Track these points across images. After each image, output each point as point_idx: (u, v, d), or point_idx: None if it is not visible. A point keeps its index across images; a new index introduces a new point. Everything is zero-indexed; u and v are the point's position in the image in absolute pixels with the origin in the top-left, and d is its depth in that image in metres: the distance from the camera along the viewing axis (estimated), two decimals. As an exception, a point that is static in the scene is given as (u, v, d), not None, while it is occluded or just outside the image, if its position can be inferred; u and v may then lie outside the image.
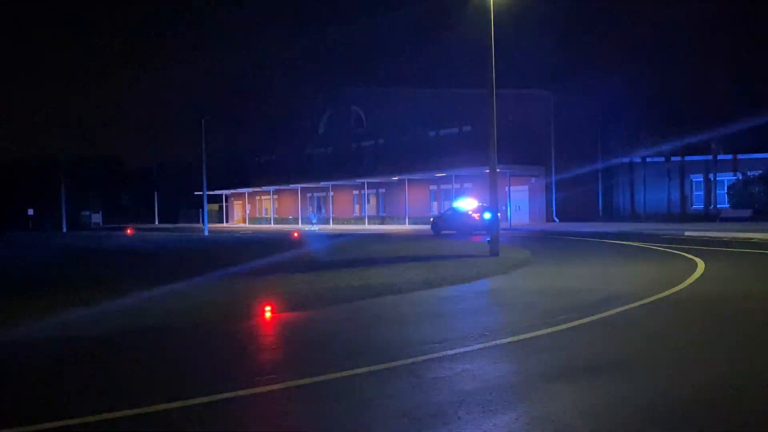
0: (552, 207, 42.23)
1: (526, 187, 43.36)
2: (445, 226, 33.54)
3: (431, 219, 36.91)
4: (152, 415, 4.74)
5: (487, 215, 24.06)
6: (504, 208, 38.16)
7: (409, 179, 47.33)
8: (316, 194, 58.81)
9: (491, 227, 17.84)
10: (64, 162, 62.21)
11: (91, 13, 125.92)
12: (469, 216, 32.10)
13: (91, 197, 76.00)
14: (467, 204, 33.74)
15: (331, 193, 55.21)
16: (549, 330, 7.51)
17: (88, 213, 75.89)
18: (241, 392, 5.26)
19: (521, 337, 7.18)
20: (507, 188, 39.73)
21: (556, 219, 41.65)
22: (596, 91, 42.70)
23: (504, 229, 22.58)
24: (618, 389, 5.19)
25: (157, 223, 73.95)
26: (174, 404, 4.94)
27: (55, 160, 63.77)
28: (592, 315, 8.39)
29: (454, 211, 33.88)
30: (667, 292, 10.25)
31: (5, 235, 47.59)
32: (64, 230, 59.16)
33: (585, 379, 5.51)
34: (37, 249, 27.96)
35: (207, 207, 45.46)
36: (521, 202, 43.49)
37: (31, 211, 68.05)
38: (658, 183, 42.14)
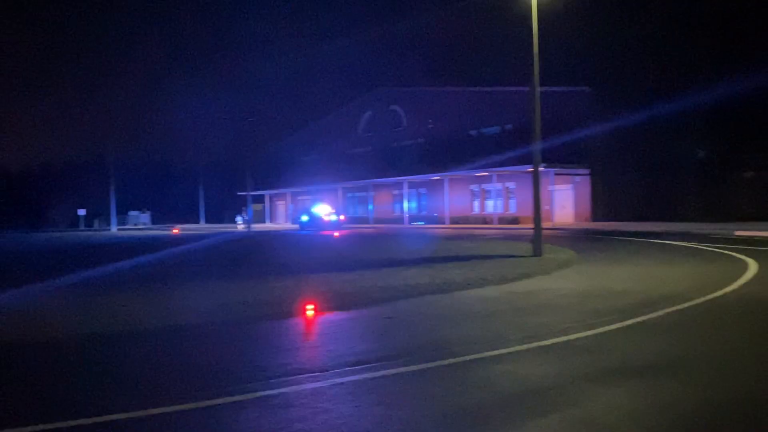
0: (597, 206, 41.49)
1: (570, 186, 42.73)
2: (307, 225, 44.59)
3: (299, 221, 47.44)
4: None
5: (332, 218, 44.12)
6: (548, 207, 37.79)
7: (449, 178, 47.16)
8: (357, 194, 59.11)
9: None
10: (113, 163, 63.94)
11: (141, 20, 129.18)
12: (322, 218, 44.45)
13: (139, 197, 77.86)
14: (322, 209, 46.07)
15: (372, 193, 55.40)
16: (593, 331, 7.42)
17: (136, 213, 77.85)
18: (284, 389, 5.36)
19: (564, 338, 7.11)
20: (551, 187, 39.23)
21: (601, 218, 40.90)
22: (641, 86, 41.69)
23: (547, 229, 22.32)
24: (663, 393, 5.10)
25: (202, 222, 75.37)
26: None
27: (105, 162, 65.62)
28: (637, 317, 8.24)
29: (312, 214, 45.64)
30: (715, 294, 9.99)
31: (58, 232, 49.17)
32: (114, 229, 60.86)
33: (629, 382, 5.42)
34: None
35: (252, 207, 46.92)
36: (566, 200, 42.88)
37: (82, 211, 70.20)
38: (707, 181, 40.91)
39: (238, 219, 56.38)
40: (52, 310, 9.63)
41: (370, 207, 55.75)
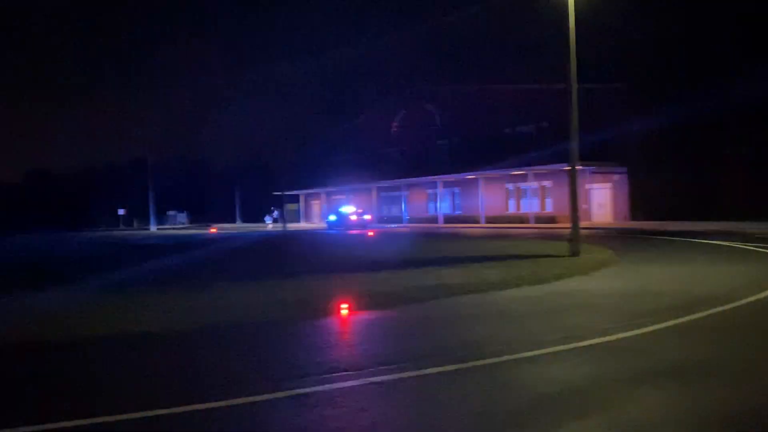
0: (636, 204, 40.73)
1: (608, 185, 42.04)
2: (335, 225, 45.50)
3: (326, 221, 49.59)
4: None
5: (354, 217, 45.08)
6: (585, 206, 37.27)
7: (484, 177, 46.83)
8: (391, 194, 59.13)
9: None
10: (152, 164, 65.21)
11: (180, 25, 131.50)
12: (349, 218, 45.72)
13: (177, 197, 79.30)
14: (349, 209, 47.89)
15: (405, 192, 55.34)
16: (632, 333, 7.27)
17: (174, 213, 79.32)
18: (319, 387, 5.38)
19: (602, 339, 6.98)
20: (588, 185, 38.66)
21: (640, 217, 40.14)
22: (681, 81, 40.75)
23: (585, 228, 21.96)
24: (704, 396, 4.97)
25: (239, 222, 76.33)
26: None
27: (144, 163, 66.99)
28: (678, 318, 8.05)
29: (340, 214, 47.15)
30: (759, 296, 9.69)
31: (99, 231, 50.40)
32: (153, 229, 62.10)
33: (669, 384, 5.30)
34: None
35: (286, 207, 47.81)
36: (603, 199, 42.21)
37: (122, 211, 71.82)
38: (751, 179, 39.79)
39: (267, 219, 57.58)
40: (98, 309, 9.86)
41: (404, 206, 55.71)
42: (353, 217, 45.95)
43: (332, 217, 47.89)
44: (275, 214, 57.72)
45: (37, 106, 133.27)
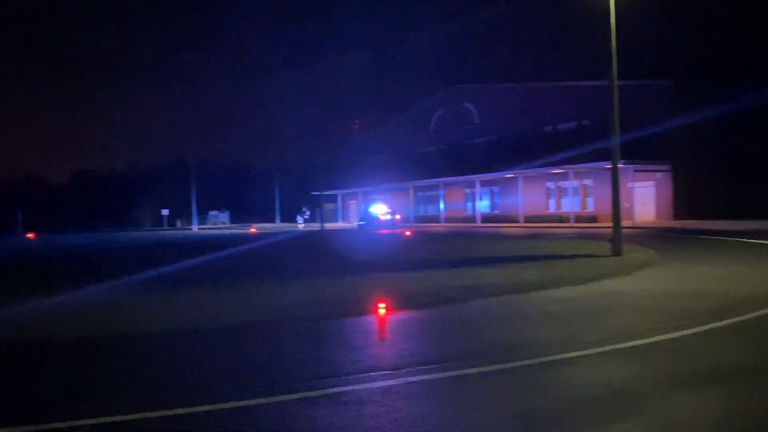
0: (680, 203, 39.75)
1: (651, 183, 41.15)
2: (365, 224, 46.87)
3: (357, 221, 51.94)
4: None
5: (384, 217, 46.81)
6: (627, 205, 36.52)
7: (524, 176, 46.32)
8: (427, 193, 58.97)
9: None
10: (194, 165, 66.41)
11: (220, 27, 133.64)
12: (379, 218, 47.14)
13: (218, 197, 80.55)
14: (378, 209, 49.05)
15: (443, 191, 55.13)
16: (676, 334, 7.11)
17: (216, 213, 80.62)
18: (357, 386, 5.41)
19: (644, 341, 6.84)
20: (630, 184, 37.89)
21: (684, 216, 39.17)
22: (728, 77, 39.61)
23: (627, 227, 21.55)
24: (750, 400, 4.83)
25: (278, 222, 77.16)
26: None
27: (186, 164, 68.29)
28: (723, 320, 7.84)
29: (369, 213, 48.78)
30: (812, 297, 9.37)
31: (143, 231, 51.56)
32: (195, 228, 63.26)
33: (712, 387, 5.17)
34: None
35: (324, 206, 48.63)
36: (647, 198, 41.33)
37: (165, 211, 73.34)
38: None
39: (299, 219, 58.70)
40: (144, 306, 10.11)
41: (441, 206, 55.51)
42: (383, 217, 47.46)
43: (362, 217, 49.75)
44: (306, 213, 58.71)
45: (83, 108, 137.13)
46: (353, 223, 64.18)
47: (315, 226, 54.40)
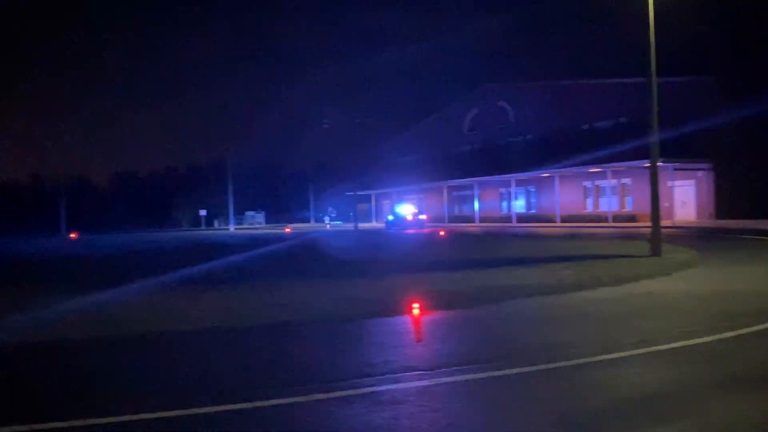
0: (722, 202, 38.78)
1: (692, 182, 40.26)
2: (392, 224, 48.09)
3: (385, 220, 52.58)
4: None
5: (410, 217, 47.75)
6: (667, 204, 35.81)
7: (560, 175, 45.75)
8: (462, 192, 58.68)
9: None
10: (231, 166, 67.31)
11: (255, 31, 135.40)
12: (406, 218, 48.15)
13: (254, 198, 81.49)
14: (406, 209, 50.09)
15: (477, 191, 54.78)
16: (714, 337, 6.97)
17: (252, 213, 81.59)
18: (392, 386, 5.44)
19: (683, 343, 6.72)
20: (670, 182, 37.13)
21: (726, 215, 38.21)
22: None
23: (667, 227, 21.12)
24: (799, 405, 4.71)
25: (312, 222, 77.69)
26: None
27: (224, 165, 69.22)
28: (765, 323, 7.64)
29: (397, 214, 49.85)
30: None
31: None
32: (232, 228, 64.14)
33: (754, 391, 5.06)
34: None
35: (358, 207, 49.13)
36: (687, 197, 40.44)
37: (203, 212, 74.53)
38: None
39: (326, 219, 59.40)
40: (181, 304, 10.31)
41: (476, 205, 55.20)
42: (410, 217, 48.35)
43: (390, 217, 50.54)
44: (333, 213, 59.35)
45: (125, 111, 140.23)
46: (386, 223, 64.36)
47: (349, 227, 54.67)
